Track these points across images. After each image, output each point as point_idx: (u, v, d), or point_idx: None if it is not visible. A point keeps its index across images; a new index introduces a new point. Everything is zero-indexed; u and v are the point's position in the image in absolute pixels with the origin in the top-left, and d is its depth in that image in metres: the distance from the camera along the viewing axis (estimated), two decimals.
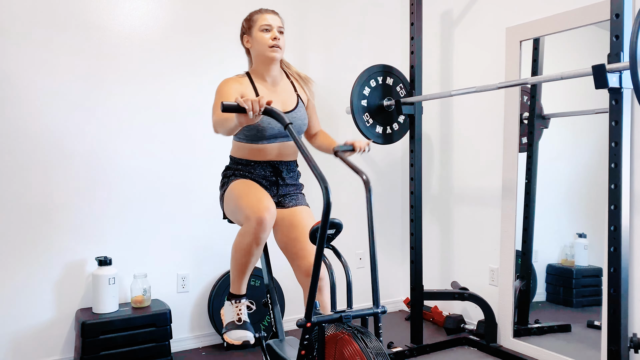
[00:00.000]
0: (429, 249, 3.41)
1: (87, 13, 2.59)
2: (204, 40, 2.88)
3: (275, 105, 2.07)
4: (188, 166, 2.86)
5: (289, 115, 2.09)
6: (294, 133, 1.67)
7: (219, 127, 1.85)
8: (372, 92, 2.86)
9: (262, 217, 1.84)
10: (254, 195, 1.93)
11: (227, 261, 2.96)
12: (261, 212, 1.84)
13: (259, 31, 2.04)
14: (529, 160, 2.78)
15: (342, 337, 1.62)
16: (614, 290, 2.12)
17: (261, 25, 2.04)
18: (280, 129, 2.06)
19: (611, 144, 2.12)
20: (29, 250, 2.49)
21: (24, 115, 2.47)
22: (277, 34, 2.05)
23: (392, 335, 3.07)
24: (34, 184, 2.50)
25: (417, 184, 2.86)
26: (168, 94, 2.80)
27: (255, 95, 2.05)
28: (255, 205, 1.86)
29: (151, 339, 2.52)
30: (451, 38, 3.25)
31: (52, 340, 2.56)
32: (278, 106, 2.09)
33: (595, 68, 1.97)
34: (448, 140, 3.30)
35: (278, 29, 2.06)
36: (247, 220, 1.87)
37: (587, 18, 2.41)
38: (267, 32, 2.04)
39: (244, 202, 1.91)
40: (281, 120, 1.69)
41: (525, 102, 2.79)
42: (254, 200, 1.89)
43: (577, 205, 2.60)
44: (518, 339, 2.77)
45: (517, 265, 2.81)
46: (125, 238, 2.71)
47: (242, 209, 1.91)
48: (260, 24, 2.04)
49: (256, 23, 2.06)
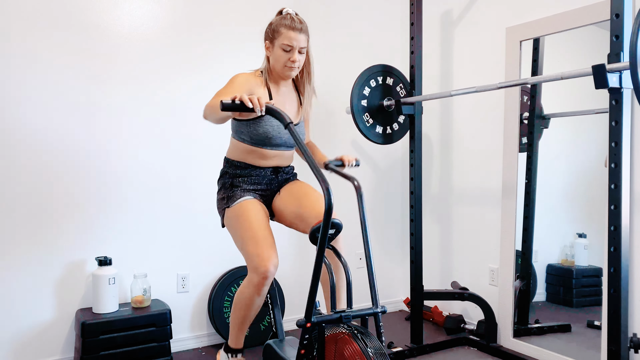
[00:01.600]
0: (429, 249, 3.41)
1: (87, 13, 2.59)
2: (204, 39, 2.88)
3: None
4: (188, 166, 2.86)
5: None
6: (295, 132, 1.68)
7: (211, 112, 1.82)
8: (372, 92, 2.86)
9: (267, 271, 1.87)
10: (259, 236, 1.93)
11: (227, 261, 2.97)
12: (266, 266, 1.87)
13: (280, 48, 2.00)
14: (529, 160, 2.78)
15: (342, 337, 1.62)
16: (614, 290, 2.12)
17: (283, 43, 1.99)
18: (287, 139, 2.08)
19: (611, 144, 2.12)
20: (29, 250, 2.49)
21: (23, 115, 2.47)
22: (297, 55, 2.01)
23: (392, 335, 3.07)
24: (33, 183, 2.50)
25: (417, 184, 2.86)
26: (168, 94, 2.80)
27: (269, 99, 2.06)
28: (261, 255, 1.89)
29: (151, 339, 2.52)
30: (451, 38, 3.25)
31: (52, 340, 2.56)
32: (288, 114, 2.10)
33: (595, 68, 1.97)
34: (448, 140, 3.30)
35: (300, 50, 2.01)
36: (251, 271, 1.91)
37: (587, 18, 2.41)
38: (287, 52, 2.00)
39: (250, 246, 1.92)
40: (282, 120, 1.70)
41: (525, 102, 2.79)
42: (259, 246, 1.91)
43: (577, 205, 2.60)
44: (518, 339, 2.77)
45: (517, 265, 2.81)
46: (125, 238, 2.71)
47: (247, 254, 1.93)
48: (283, 42, 1.99)
49: (279, 37, 2.00)
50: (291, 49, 1.99)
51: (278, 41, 2.00)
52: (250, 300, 1.94)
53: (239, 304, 1.99)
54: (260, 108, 1.69)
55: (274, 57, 2.03)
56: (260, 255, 1.88)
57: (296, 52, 2.00)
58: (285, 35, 1.98)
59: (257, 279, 1.89)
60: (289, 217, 2.10)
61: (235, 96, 1.69)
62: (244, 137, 2.07)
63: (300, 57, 2.03)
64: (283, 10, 2.05)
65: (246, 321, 2.02)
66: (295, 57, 2.00)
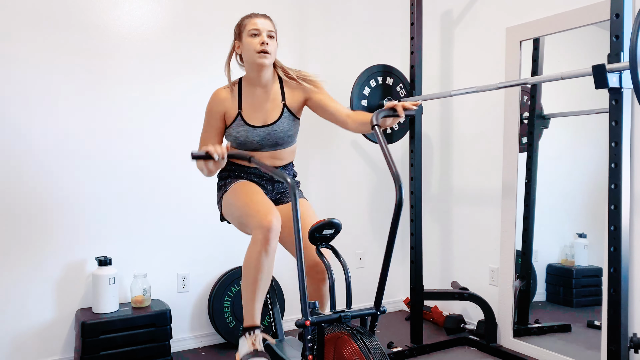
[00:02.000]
0: (429, 249, 3.41)
1: (87, 13, 2.59)
2: (203, 40, 2.88)
3: (257, 118, 2.06)
4: (188, 166, 2.86)
5: (269, 128, 2.07)
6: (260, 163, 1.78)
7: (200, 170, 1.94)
8: (372, 92, 2.86)
9: (270, 222, 1.82)
10: (257, 201, 1.92)
11: (227, 261, 2.97)
12: (268, 217, 1.83)
13: (248, 36, 2.00)
14: (529, 160, 2.78)
15: (342, 337, 1.62)
16: (614, 290, 2.12)
17: (250, 30, 1.99)
18: (260, 141, 2.07)
19: (611, 144, 2.12)
20: (29, 250, 2.49)
21: (23, 115, 2.47)
22: (266, 38, 1.98)
23: (392, 335, 3.07)
24: (33, 183, 2.50)
25: (417, 184, 2.86)
26: (168, 94, 2.80)
27: (238, 108, 2.06)
28: (262, 211, 1.86)
29: (151, 338, 2.52)
30: (451, 38, 3.25)
31: (52, 340, 2.56)
32: (260, 120, 2.07)
33: (595, 68, 1.97)
34: (448, 140, 3.30)
35: (268, 32, 2.00)
36: (255, 229, 1.85)
37: (587, 18, 2.41)
38: (255, 37, 1.99)
39: (248, 209, 1.90)
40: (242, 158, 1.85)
41: (525, 102, 2.79)
42: (258, 207, 1.88)
43: (577, 205, 2.60)
44: (518, 339, 2.77)
45: (517, 265, 2.81)
46: (125, 238, 2.71)
47: (248, 218, 1.90)
48: (249, 29, 2.00)
49: (245, 28, 2.02)
50: (258, 32, 1.99)
51: (245, 32, 2.01)
52: (258, 260, 1.84)
53: (248, 267, 1.87)
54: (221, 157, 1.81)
55: (245, 49, 2.02)
56: (261, 211, 1.85)
57: (264, 34, 1.99)
58: (250, 22, 2.01)
59: (262, 234, 1.82)
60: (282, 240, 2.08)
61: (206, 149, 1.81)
62: (232, 140, 2.09)
63: (270, 42, 2.00)
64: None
65: (258, 287, 1.87)
66: (265, 39, 1.98)
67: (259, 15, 2.04)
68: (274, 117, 2.09)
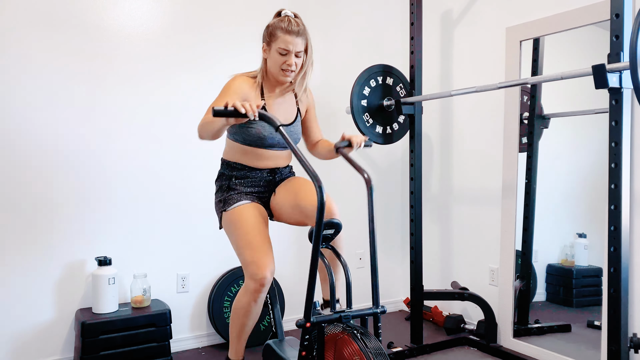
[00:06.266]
0: (429, 249, 3.41)
1: (87, 13, 2.59)
2: (203, 40, 2.88)
3: (278, 116, 2.07)
4: (188, 166, 2.86)
5: (287, 129, 2.09)
6: (285, 134, 1.70)
7: (205, 127, 1.84)
8: (372, 92, 2.86)
9: (263, 278, 1.87)
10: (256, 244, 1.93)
11: (227, 261, 2.97)
12: (262, 271, 1.87)
13: (276, 51, 1.98)
14: (529, 160, 2.78)
15: (342, 337, 1.62)
16: (614, 290, 2.12)
17: (279, 47, 1.96)
18: (280, 139, 2.07)
19: (611, 144, 2.12)
20: (29, 250, 2.49)
21: (23, 115, 2.47)
22: (294, 59, 1.98)
23: (392, 335, 3.07)
24: (33, 184, 2.50)
25: (417, 184, 2.86)
26: (167, 94, 2.80)
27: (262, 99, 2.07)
28: (257, 262, 1.89)
29: (151, 339, 2.52)
30: (451, 38, 3.25)
31: (52, 340, 2.56)
32: (280, 119, 2.08)
33: (595, 68, 1.97)
34: (448, 140, 3.30)
35: (297, 54, 1.98)
36: (248, 278, 1.91)
37: (587, 18, 2.41)
38: (283, 56, 1.98)
39: (246, 250, 1.92)
40: (272, 123, 1.73)
41: (525, 102, 2.79)
42: (254, 253, 1.91)
43: (577, 205, 2.60)
44: (518, 339, 2.77)
45: (517, 265, 2.81)
46: (125, 238, 2.71)
47: (244, 261, 1.93)
48: (279, 46, 1.96)
49: (276, 41, 1.97)
50: (287, 52, 1.97)
51: (275, 45, 1.97)
52: (247, 309, 1.95)
53: (237, 312, 1.98)
54: (253, 114, 1.70)
55: (271, 60, 2.02)
56: (257, 263, 1.88)
57: (292, 56, 1.98)
58: (282, 39, 1.95)
59: (254, 286, 1.89)
60: (288, 213, 2.08)
61: (227, 103, 1.69)
62: (237, 138, 2.07)
63: (297, 61, 2.00)
64: (282, 11, 2.02)
65: (244, 330, 2.01)
66: (292, 61, 1.98)
67: (293, 32, 1.95)
68: (291, 119, 2.13)
